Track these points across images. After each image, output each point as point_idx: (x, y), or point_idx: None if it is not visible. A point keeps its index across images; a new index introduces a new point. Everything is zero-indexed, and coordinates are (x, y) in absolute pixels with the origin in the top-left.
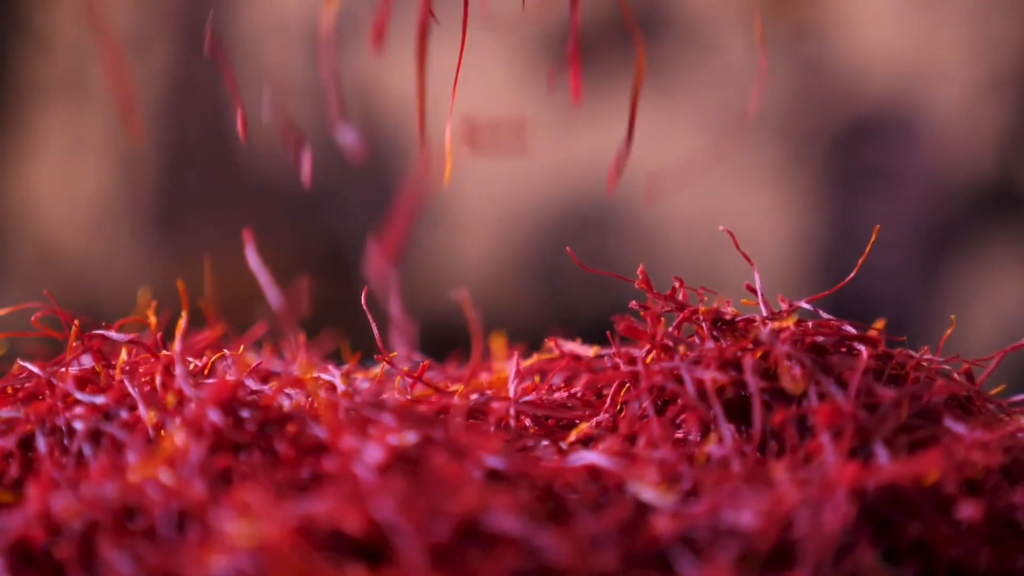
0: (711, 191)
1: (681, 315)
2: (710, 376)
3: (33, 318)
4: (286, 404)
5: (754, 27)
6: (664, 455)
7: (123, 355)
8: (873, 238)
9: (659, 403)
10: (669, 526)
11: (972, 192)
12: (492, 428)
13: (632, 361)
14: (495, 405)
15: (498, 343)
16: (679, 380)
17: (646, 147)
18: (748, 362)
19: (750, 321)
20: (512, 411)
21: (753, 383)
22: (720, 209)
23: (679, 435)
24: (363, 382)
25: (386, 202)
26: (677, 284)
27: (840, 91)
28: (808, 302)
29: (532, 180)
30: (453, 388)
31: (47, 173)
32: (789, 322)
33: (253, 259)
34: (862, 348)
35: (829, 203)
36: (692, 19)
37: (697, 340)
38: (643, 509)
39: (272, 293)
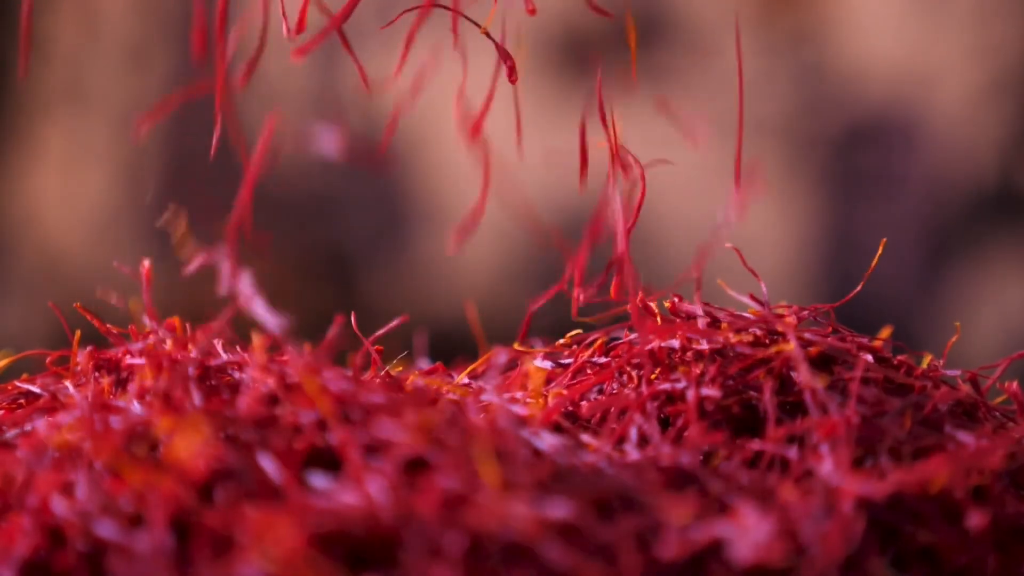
0: (712, 196)
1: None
2: (714, 395)
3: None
4: (294, 411)
5: (756, 32)
6: (670, 469)
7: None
8: (880, 251)
9: (662, 418)
10: (678, 541)
11: (974, 196)
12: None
13: (636, 380)
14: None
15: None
16: (682, 398)
17: (646, 152)
18: (768, 386)
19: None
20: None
21: (771, 405)
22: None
23: (684, 450)
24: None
25: (387, 207)
26: (678, 299)
27: (841, 96)
28: (815, 315)
29: (532, 184)
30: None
31: (49, 182)
32: (788, 347)
33: (228, 285)
34: (868, 357)
35: (830, 207)
36: (693, 24)
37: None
38: (651, 525)
39: (262, 311)
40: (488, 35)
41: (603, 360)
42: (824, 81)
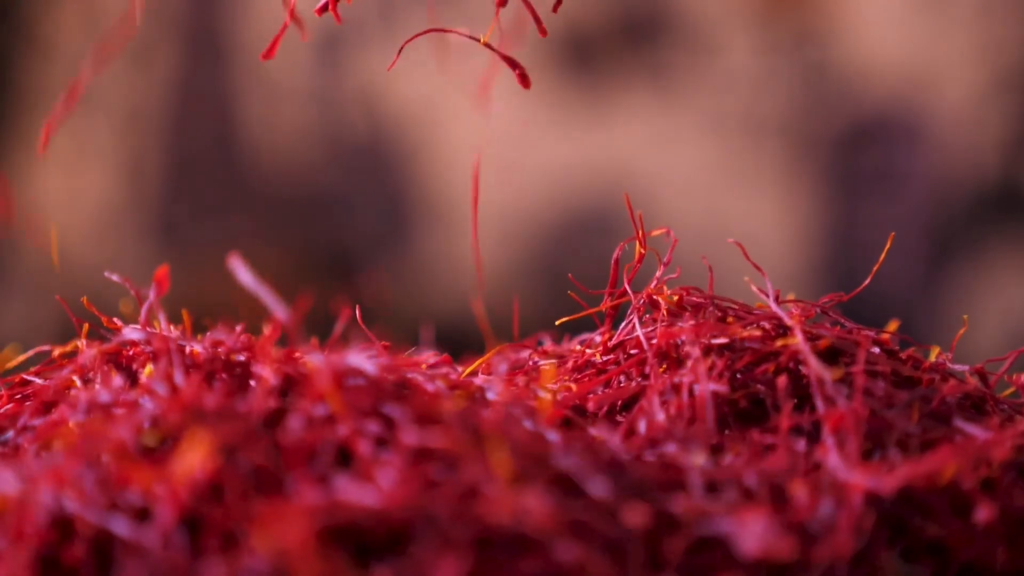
0: (716, 194)
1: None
2: (722, 389)
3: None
4: (305, 407)
5: (759, 31)
6: (678, 464)
7: (148, 368)
8: (888, 246)
9: (670, 413)
10: (688, 534)
11: (976, 195)
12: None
13: (644, 375)
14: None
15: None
16: (691, 392)
17: (649, 151)
18: (779, 379)
19: (765, 335)
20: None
21: (782, 398)
22: (725, 212)
23: (692, 444)
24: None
25: (390, 207)
26: (685, 293)
27: (844, 94)
28: (822, 308)
29: (535, 183)
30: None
31: (52, 181)
32: (792, 341)
33: (245, 276)
34: (876, 350)
35: (833, 206)
36: (695, 23)
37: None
38: (659, 519)
39: (274, 304)
40: (490, 46)
41: (610, 355)
42: (827, 80)
